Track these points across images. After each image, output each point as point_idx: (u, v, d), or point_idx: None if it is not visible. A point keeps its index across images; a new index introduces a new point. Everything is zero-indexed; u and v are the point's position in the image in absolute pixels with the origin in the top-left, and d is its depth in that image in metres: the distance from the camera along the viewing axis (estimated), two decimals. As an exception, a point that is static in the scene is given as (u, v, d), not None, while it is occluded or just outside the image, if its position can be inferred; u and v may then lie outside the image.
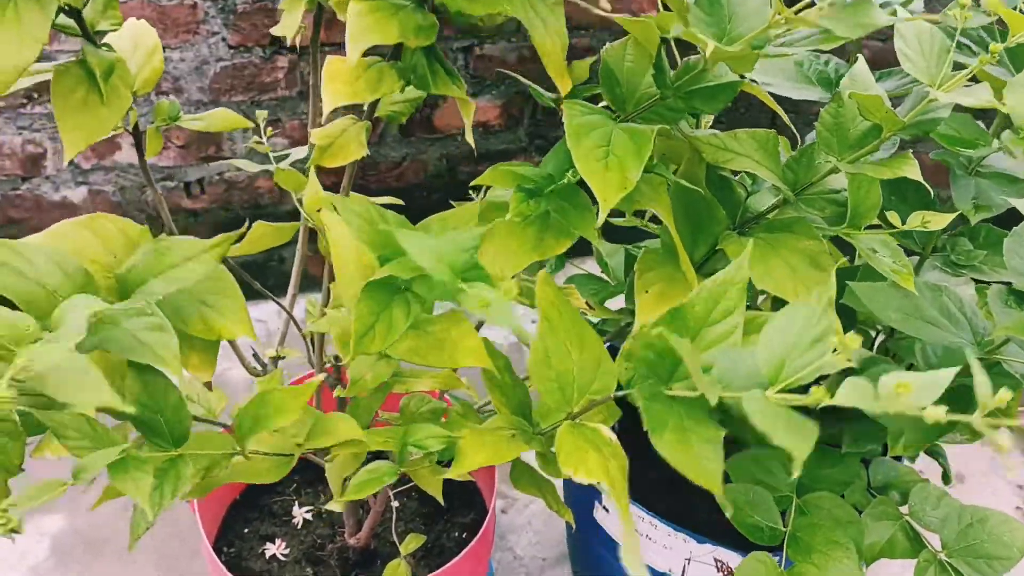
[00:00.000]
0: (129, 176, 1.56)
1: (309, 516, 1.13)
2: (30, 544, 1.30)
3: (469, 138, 0.59)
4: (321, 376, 0.62)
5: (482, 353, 0.56)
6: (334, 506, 0.69)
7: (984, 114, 0.81)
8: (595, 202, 0.62)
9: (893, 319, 0.76)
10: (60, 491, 0.50)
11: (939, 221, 0.64)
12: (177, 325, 0.54)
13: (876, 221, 0.69)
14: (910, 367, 0.88)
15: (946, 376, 0.36)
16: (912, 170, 0.57)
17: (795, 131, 0.83)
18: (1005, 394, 0.34)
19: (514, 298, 0.47)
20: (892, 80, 0.90)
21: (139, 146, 0.76)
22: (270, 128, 1.50)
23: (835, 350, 0.40)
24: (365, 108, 0.70)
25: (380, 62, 0.61)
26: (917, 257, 0.93)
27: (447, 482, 1.14)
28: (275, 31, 0.79)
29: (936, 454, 0.96)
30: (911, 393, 0.35)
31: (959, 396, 0.81)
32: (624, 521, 0.49)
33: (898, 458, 0.99)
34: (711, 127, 0.76)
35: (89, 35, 0.60)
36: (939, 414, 0.34)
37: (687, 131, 0.65)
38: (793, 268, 0.65)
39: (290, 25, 0.76)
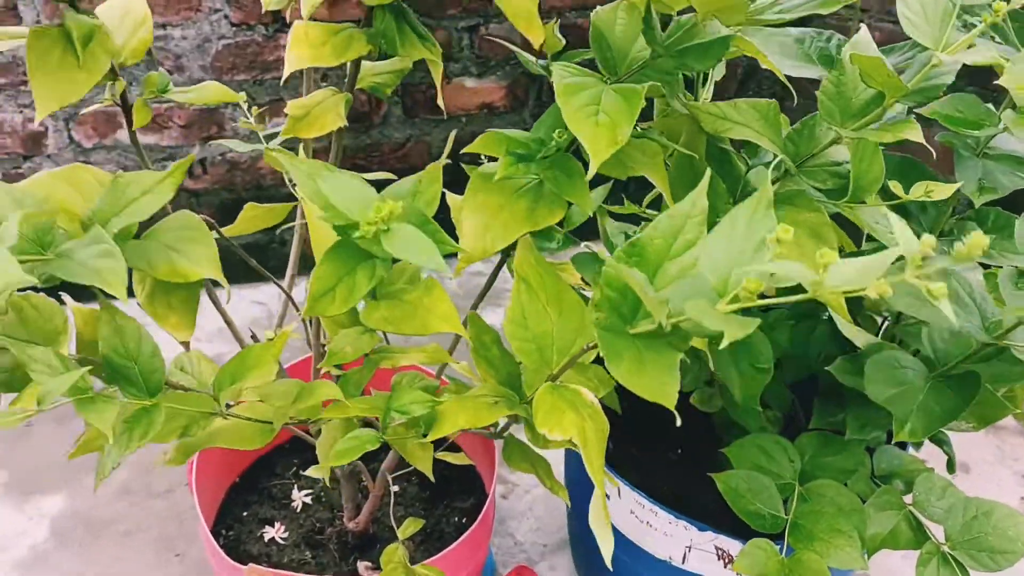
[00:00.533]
0: (130, 155, 1.55)
1: (308, 500, 1.12)
2: (30, 525, 1.29)
3: (440, 102, 0.58)
4: (292, 326, 0.61)
5: (454, 319, 0.55)
6: (317, 472, 0.68)
7: (992, 96, 0.78)
8: (588, 168, 0.60)
9: (899, 303, 0.74)
10: (25, 417, 0.48)
11: (942, 191, 0.62)
12: (145, 269, 0.53)
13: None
14: (915, 353, 0.85)
15: (884, 256, 0.35)
16: (914, 133, 0.55)
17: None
18: (929, 239, 0.33)
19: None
20: (895, 55, 0.87)
21: (128, 118, 0.75)
22: (267, 109, 1.49)
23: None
24: (346, 78, 0.68)
25: (352, 28, 0.59)
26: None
27: (447, 467, 1.13)
28: (266, 4, 0.78)
29: (941, 442, 0.93)
30: (831, 276, 0.34)
31: (966, 382, 0.79)
32: (596, 482, 0.49)
33: (902, 446, 0.97)
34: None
35: (71, 0, 0.58)
36: (883, 288, 0.33)
37: (687, 102, 0.62)
38: (796, 240, 0.63)
39: (283, -3, 0.74)
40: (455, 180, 0.66)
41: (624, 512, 0.98)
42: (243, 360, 0.55)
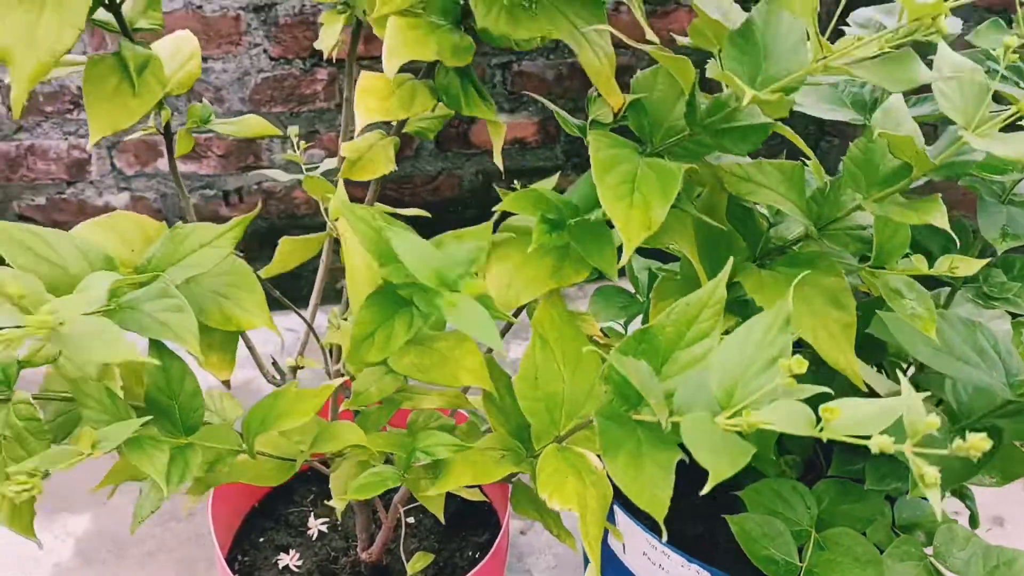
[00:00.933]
0: (170, 183, 1.59)
1: (325, 528, 1.13)
2: (56, 544, 1.32)
3: (498, 160, 0.60)
4: (337, 381, 0.63)
5: (483, 373, 0.57)
6: (336, 504, 0.70)
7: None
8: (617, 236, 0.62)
9: (922, 354, 0.75)
10: (77, 460, 0.50)
11: (968, 267, 0.62)
12: (197, 318, 0.55)
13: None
14: (939, 403, 0.86)
15: (893, 407, 0.35)
16: (940, 217, 0.56)
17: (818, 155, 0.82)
18: (934, 419, 0.34)
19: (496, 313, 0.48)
20: (928, 104, 0.88)
21: (169, 146, 0.78)
22: (303, 141, 1.52)
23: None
24: (394, 124, 0.70)
25: (413, 80, 0.61)
26: (948, 288, 0.91)
27: (463, 501, 1.14)
28: (316, 45, 0.81)
29: (964, 496, 0.93)
30: (838, 419, 0.35)
31: (989, 437, 0.79)
32: (591, 555, 0.50)
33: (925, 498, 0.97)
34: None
35: (127, 30, 0.61)
36: (885, 443, 0.34)
37: (711, 159, 0.64)
38: (812, 305, 0.64)
39: (329, 39, 0.77)
40: (483, 211, 0.67)
41: (637, 553, 0.99)
42: (275, 404, 0.57)
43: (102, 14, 0.61)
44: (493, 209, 0.58)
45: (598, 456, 0.61)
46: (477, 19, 0.52)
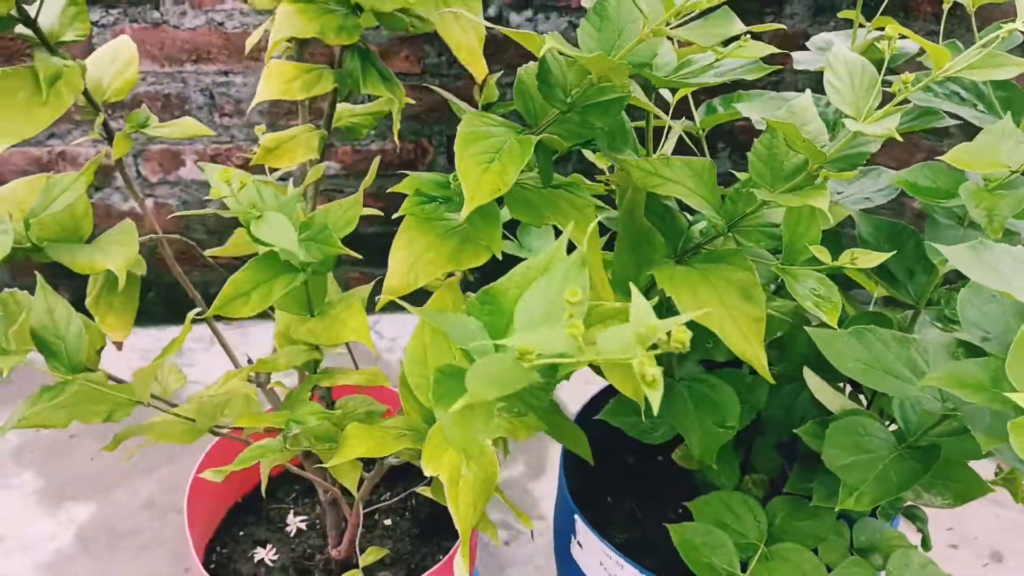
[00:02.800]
0: (191, 191, 1.66)
1: (303, 526, 1.15)
2: (59, 530, 1.37)
3: (396, 135, 0.62)
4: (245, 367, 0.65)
5: (363, 331, 0.59)
6: (212, 477, 0.72)
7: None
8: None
9: (850, 369, 0.74)
10: None
11: (867, 260, 0.62)
12: (67, 263, 0.59)
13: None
14: (892, 423, 0.84)
15: (628, 330, 0.35)
16: (822, 200, 0.56)
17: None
18: (657, 322, 0.33)
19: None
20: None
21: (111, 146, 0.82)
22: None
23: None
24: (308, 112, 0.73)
25: (322, 68, 0.64)
26: (911, 311, 0.89)
27: (438, 505, 1.15)
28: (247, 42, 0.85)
29: (914, 517, 0.91)
30: (600, 338, 0.35)
31: (928, 454, 0.77)
32: (460, 528, 0.50)
33: (876, 515, 0.94)
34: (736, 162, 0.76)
35: (47, 43, 0.65)
36: (642, 362, 0.34)
37: (618, 156, 0.65)
38: (722, 298, 0.64)
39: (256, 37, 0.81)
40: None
41: (594, 563, 0.98)
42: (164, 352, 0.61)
43: (24, 28, 0.65)
44: (389, 191, 0.60)
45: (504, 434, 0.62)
46: None
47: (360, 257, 0.66)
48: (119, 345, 0.67)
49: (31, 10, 0.65)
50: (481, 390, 0.38)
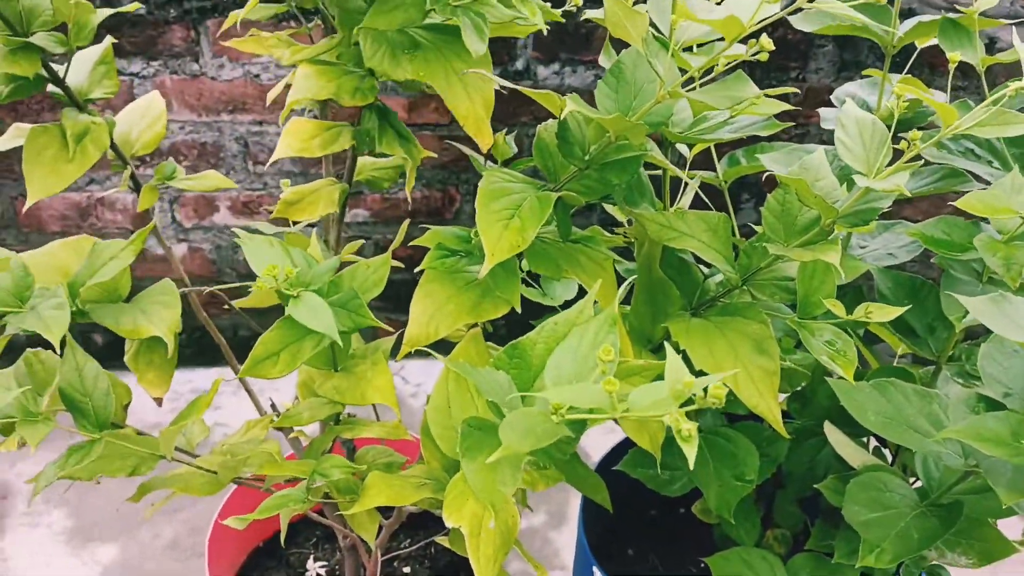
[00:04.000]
0: (224, 236, 1.69)
1: (323, 571, 1.16)
2: (84, 571, 1.39)
3: (408, 192, 0.64)
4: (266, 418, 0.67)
5: (388, 392, 0.60)
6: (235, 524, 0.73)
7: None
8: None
9: (872, 422, 0.73)
10: None
11: (882, 314, 0.62)
12: (111, 326, 0.61)
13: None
14: (914, 479, 0.83)
15: (663, 387, 0.36)
16: (832, 256, 0.57)
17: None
18: (690, 378, 0.34)
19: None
20: (923, 178, 0.88)
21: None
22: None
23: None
24: (332, 167, 0.75)
25: (342, 125, 0.67)
26: (933, 366, 0.88)
27: (457, 555, 1.15)
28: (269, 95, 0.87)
29: (938, 576, 0.89)
30: (633, 397, 0.35)
31: (951, 512, 0.76)
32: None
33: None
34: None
35: (76, 101, 0.68)
36: (675, 419, 0.34)
37: (634, 210, 0.66)
38: (736, 351, 0.64)
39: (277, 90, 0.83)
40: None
41: (613, 615, 0.97)
42: (187, 411, 0.62)
43: (54, 87, 0.68)
44: (410, 243, 0.62)
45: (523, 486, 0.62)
46: (365, 59, 0.57)
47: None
48: (159, 401, 0.69)
49: (60, 69, 0.68)
50: (515, 443, 0.39)
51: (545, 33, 0.61)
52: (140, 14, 1.48)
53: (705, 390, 0.36)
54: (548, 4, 0.59)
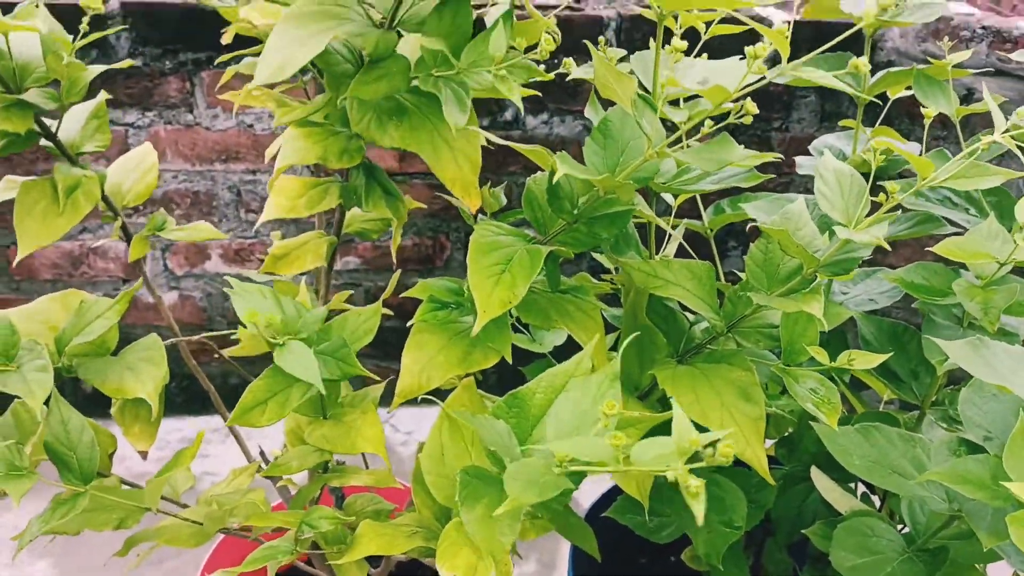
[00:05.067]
0: (215, 284, 1.70)
1: (313, 620, 1.14)
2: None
3: (394, 251, 0.65)
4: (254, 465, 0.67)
5: (378, 442, 0.60)
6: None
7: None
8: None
9: (856, 466, 0.74)
10: None
11: (865, 361, 0.63)
12: (97, 385, 0.61)
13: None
14: (902, 526, 0.83)
15: (670, 442, 0.36)
16: (815, 307, 0.58)
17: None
18: (696, 436, 0.34)
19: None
20: (901, 224, 0.90)
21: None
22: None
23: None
24: (314, 219, 0.77)
25: (328, 181, 0.68)
26: (917, 411, 0.90)
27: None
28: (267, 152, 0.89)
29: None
30: (637, 451, 0.36)
31: (937, 556, 0.77)
32: None
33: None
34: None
35: (67, 154, 0.70)
36: (681, 474, 0.35)
37: (620, 258, 0.67)
38: (722, 398, 0.65)
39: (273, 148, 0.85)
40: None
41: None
42: (174, 462, 0.62)
43: (47, 140, 0.69)
44: (402, 295, 0.63)
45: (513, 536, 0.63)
46: (352, 124, 0.59)
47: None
48: (144, 455, 0.69)
49: (53, 124, 0.70)
50: (520, 495, 0.39)
51: (528, 99, 0.62)
52: (136, 66, 1.50)
53: (714, 446, 0.37)
54: (542, 67, 0.61)
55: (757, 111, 0.49)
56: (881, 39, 1.57)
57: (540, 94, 0.84)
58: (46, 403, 0.60)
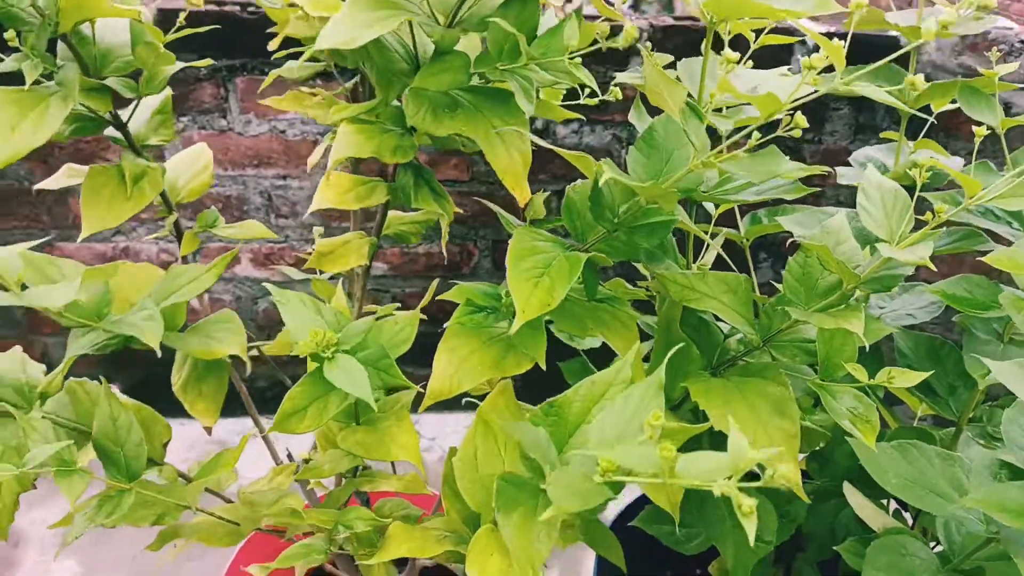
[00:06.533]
0: (245, 287, 1.71)
1: (335, 623, 1.15)
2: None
3: (444, 247, 0.65)
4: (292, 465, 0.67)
5: (412, 450, 0.60)
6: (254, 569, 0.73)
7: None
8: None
9: (893, 485, 0.73)
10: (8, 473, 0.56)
11: (905, 379, 0.62)
12: (182, 348, 0.62)
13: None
14: (935, 543, 0.82)
15: (725, 459, 0.36)
16: (855, 324, 0.57)
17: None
18: (754, 455, 0.34)
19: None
20: (946, 238, 0.88)
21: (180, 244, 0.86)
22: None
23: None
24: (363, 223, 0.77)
25: (377, 181, 0.68)
26: (953, 427, 0.88)
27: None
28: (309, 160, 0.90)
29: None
30: (683, 464, 0.36)
31: (974, 577, 0.76)
32: None
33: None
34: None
35: (134, 146, 0.71)
36: (726, 487, 0.35)
37: (656, 268, 0.67)
38: (757, 413, 0.65)
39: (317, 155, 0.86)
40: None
41: None
42: (216, 460, 0.63)
43: (114, 130, 0.71)
44: (439, 296, 0.63)
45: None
46: (408, 117, 0.59)
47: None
48: (209, 430, 0.70)
49: (123, 115, 0.71)
50: (565, 502, 0.39)
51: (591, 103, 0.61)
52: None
53: (765, 468, 0.37)
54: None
55: (807, 125, 0.49)
56: (918, 52, 1.55)
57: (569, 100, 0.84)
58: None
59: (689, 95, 0.60)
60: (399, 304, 0.91)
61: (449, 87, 0.58)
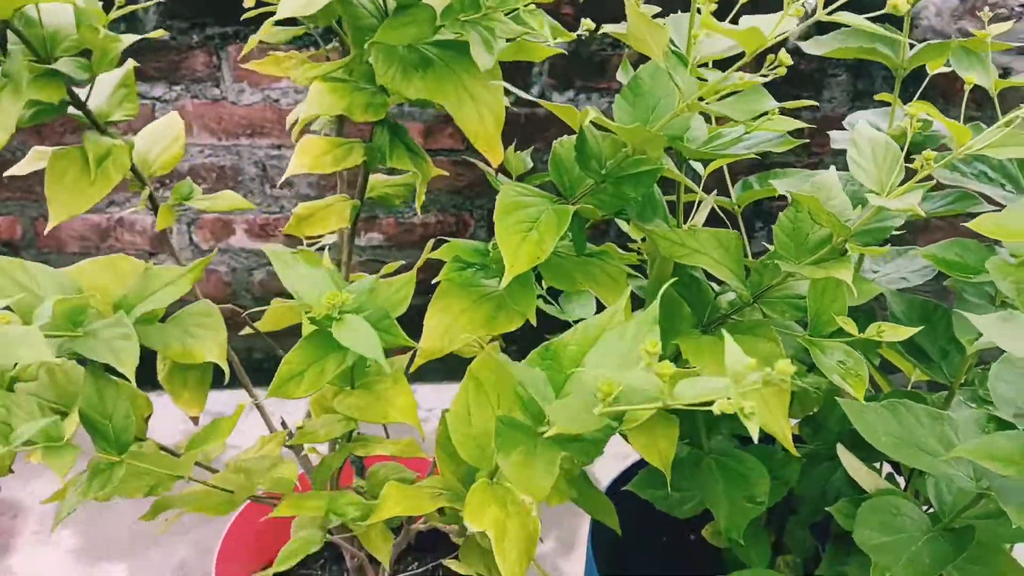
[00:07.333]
0: (240, 259, 1.71)
1: (330, 595, 1.15)
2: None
3: (418, 206, 0.65)
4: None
5: (410, 412, 0.60)
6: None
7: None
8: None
9: (883, 443, 0.73)
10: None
11: (895, 333, 0.62)
12: (161, 350, 0.61)
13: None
14: (927, 506, 0.82)
15: (721, 381, 0.36)
16: (844, 273, 0.57)
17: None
18: (751, 361, 0.34)
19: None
20: (937, 201, 0.88)
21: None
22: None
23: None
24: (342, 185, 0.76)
25: (353, 142, 0.68)
26: (946, 392, 0.88)
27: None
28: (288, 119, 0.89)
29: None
30: (681, 387, 0.36)
31: (962, 535, 0.76)
32: None
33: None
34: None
35: (96, 123, 0.69)
36: (724, 405, 0.35)
37: (646, 226, 0.67)
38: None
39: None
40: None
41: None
42: (211, 428, 0.62)
43: (75, 109, 0.69)
44: (429, 256, 0.62)
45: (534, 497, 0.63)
46: (377, 76, 0.59)
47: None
48: (195, 420, 0.69)
49: (82, 93, 0.69)
50: (565, 424, 0.39)
51: (563, 54, 0.61)
52: (163, 40, 1.51)
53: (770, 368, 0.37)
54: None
55: (791, 62, 0.48)
56: (916, 17, 1.54)
57: (565, 66, 0.83)
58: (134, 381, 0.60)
59: (676, 45, 0.60)
60: (401, 263, 0.90)
61: (414, 40, 0.57)
